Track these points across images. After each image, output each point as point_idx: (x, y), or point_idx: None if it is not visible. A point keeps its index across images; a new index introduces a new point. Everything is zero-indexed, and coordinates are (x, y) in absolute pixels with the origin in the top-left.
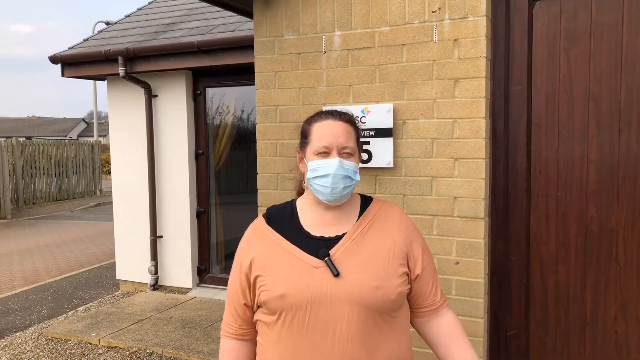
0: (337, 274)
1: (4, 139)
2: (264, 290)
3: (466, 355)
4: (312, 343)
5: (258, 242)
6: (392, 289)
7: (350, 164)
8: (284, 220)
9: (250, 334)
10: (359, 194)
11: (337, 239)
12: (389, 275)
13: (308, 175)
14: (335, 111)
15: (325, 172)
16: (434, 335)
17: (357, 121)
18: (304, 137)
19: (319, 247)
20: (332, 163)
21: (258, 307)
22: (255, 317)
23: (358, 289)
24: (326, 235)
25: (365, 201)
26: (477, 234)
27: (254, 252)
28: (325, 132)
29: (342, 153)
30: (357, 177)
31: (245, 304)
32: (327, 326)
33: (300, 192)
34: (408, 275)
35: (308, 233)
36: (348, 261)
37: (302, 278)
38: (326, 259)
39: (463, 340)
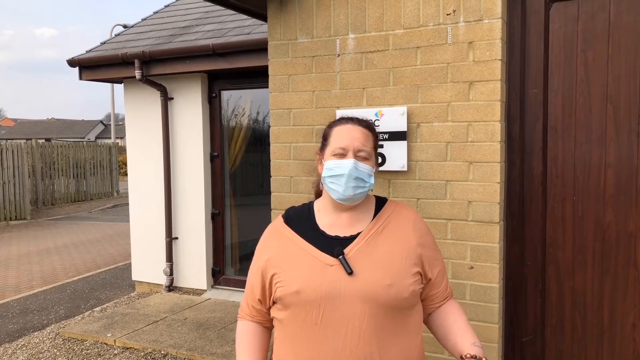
0: (350, 272)
1: (24, 140)
2: (280, 286)
3: (468, 338)
4: (325, 339)
5: (275, 242)
6: (405, 288)
7: (365, 167)
8: (302, 220)
9: (263, 322)
10: (375, 195)
11: (352, 238)
12: (402, 274)
13: (324, 174)
14: (356, 117)
15: (339, 172)
16: (439, 324)
17: (376, 128)
18: (324, 139)
19: (334, 246)
20: (347, 164)
21: (274, 303)
22: (272, 314)
23: (371, 287)
24: (341, 235)
25: (380, 202)
26: (492, 239)
27: (270, 252)
28: (343, 135)
29: (358, 156)
30: (371, 181)
31: (259, 300)
32: (340, 323)
33: (319, 194)
34: (421, 275)
35: (324, 232)
36: (362, 260)
37: (317, 275)
38: (340, 257)
39: (465, 324)
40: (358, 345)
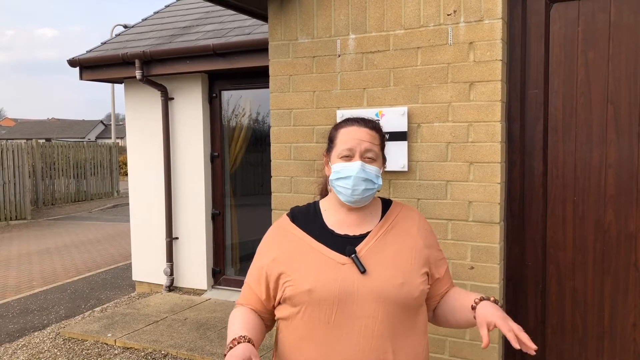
0: (363, 271)
1: (25, 140)
2: (289, 285)
3: (473, 295)
4: (337, 338)
5: (281, 240)
6: (416, 287)
7: (372, 168)
8: (308, 219)
9: (264, 319)
10: (379, 197)
11: (361, 237)
12: (412, 273)
13: (331, 177)
14: (362, 118)
15: (347, 174)
16: (444, 307)
17: (382, 129)
18: (331, 141)
19: (344, 244)
20: (355, 166)
21: (279, 303)
22: (278, 314)
23: (384, 286)
24: (350, 234)
25: (386, 204)
26: (493, 239)
27: (276, 251)
28: (350, 136)
29: (365, 157)
30: (379, 182)
31: (259, 298)
32: (353, 322)
33: (323, 194)
34: (428, 276)
35: (332, 231)
36: (373, 258)
37: (330, 274)
38: (353, 255)
39: (468, 292)
40: (371, 345)
